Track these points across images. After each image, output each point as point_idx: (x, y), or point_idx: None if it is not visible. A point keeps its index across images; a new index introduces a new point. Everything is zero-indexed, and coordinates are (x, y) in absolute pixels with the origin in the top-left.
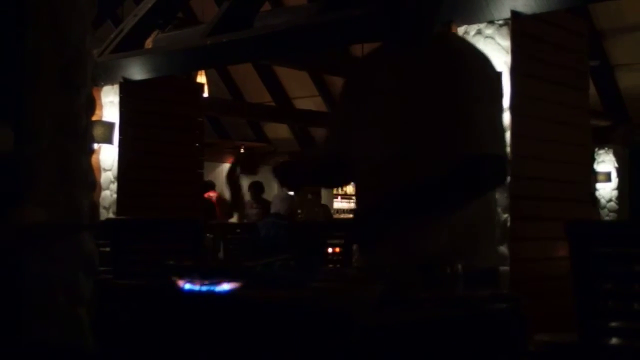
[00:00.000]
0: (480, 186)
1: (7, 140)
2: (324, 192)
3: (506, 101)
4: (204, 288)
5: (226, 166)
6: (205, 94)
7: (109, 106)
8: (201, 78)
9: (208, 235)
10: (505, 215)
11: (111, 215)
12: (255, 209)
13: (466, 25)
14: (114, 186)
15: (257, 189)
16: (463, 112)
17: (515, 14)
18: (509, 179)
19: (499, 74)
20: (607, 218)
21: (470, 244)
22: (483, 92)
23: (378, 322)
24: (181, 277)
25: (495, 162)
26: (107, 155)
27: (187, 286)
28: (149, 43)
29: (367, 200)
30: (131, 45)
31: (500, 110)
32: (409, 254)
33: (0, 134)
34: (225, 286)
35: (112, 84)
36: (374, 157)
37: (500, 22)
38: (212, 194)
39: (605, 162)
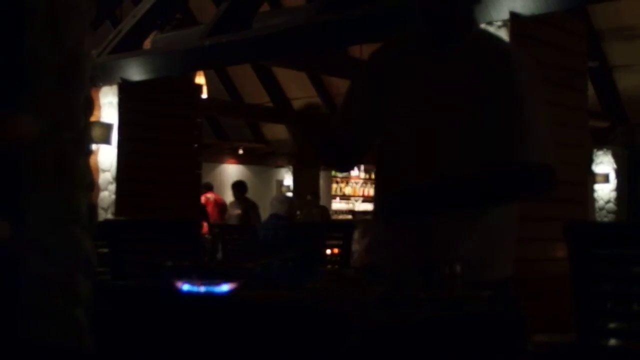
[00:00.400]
0: (525, 193)
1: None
2: (323, 193)
3: None
4: (203, 289)
5: (225, 167)
6: (204, 95)
7: (108, 107)
8: (200, 79)
9: (207, 236)
10: None
11: (109, 216)
12: (237, 209)
13: None
14: (112, 187)
15: (239, 188)
16: (521, 115)
17: (514, 15)
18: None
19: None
20: (605, 219)
21: (494, 255)
22: (537, 93)
23: (377, 322)
24: (180, 278)
25: (546, 172)
26: (106, 156)
27: (186, 287)
28: (147, 44)
29: (406, 181)
30: (130, 46)
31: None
32: (437, 249)
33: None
34: (224, 287)
35: (111, 85)
36: (416, 145)
37: (499, 23)
38: (209, 196)
39: (604, 163)
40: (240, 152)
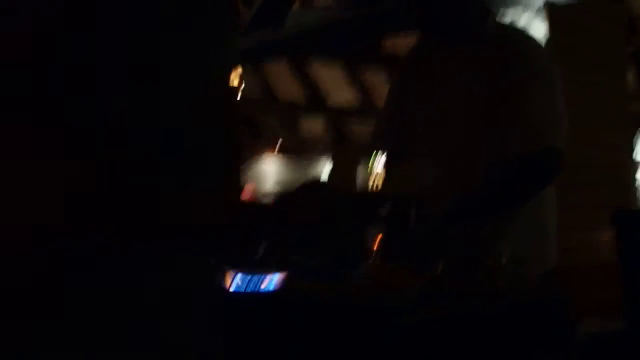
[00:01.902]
0: (537, 183)
1: None
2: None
3: None
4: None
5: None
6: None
7: None
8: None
9: None
10: None
11: None
12: None
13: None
14: None
15: None
16: (522, 103)
17: (549, 3)
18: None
19: (551, 58)
20: None
21: (531, 251)
22: (543, 80)
23: (419, 317)
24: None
25: (551, 156)
26: None
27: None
28: None
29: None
30: None
31: (556, 96)
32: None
33: None
34: (267, 281)
35: None
36: (430, 147)
37: (535, 11)
38: (247, 186)
39: None
40: (277, 147)
